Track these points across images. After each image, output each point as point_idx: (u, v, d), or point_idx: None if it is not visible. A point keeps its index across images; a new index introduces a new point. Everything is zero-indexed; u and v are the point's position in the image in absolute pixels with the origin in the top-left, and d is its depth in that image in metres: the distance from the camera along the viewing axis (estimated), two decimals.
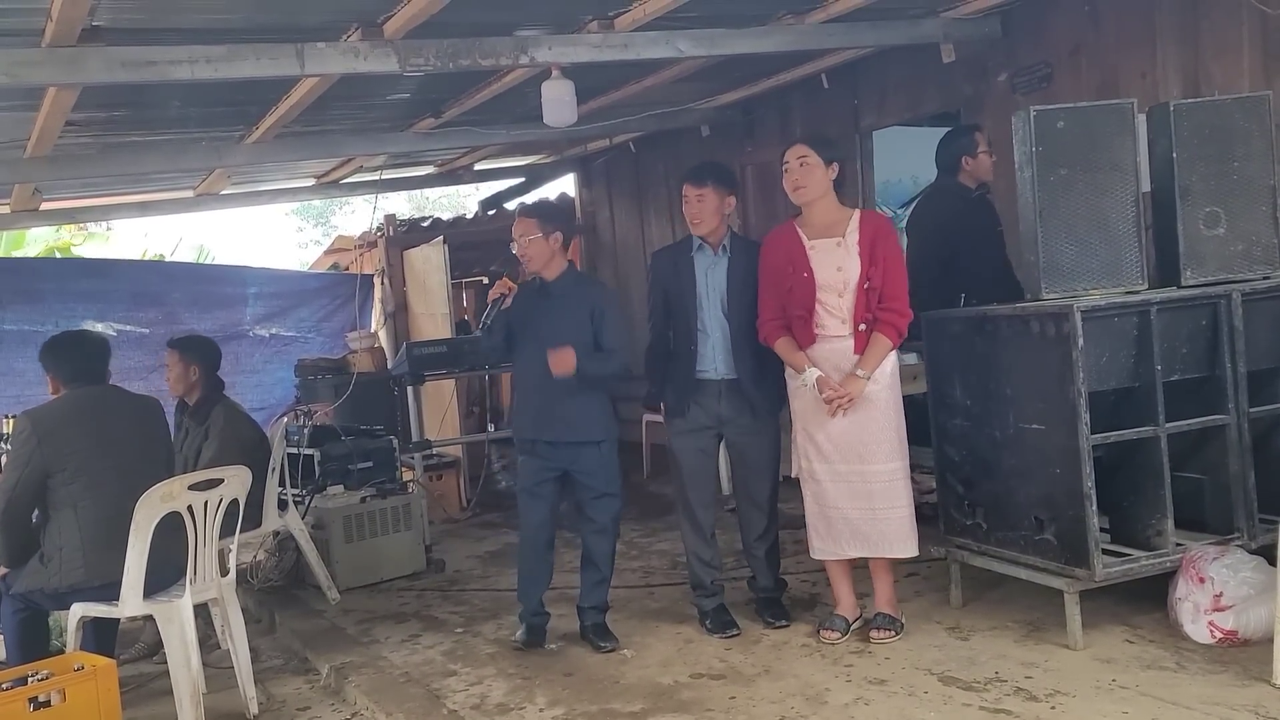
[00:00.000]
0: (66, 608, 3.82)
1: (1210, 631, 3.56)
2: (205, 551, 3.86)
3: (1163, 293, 3.85)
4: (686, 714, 3.52)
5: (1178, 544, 3.76)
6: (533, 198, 9.33)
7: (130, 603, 3.74)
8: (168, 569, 3.81)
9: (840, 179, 4.00)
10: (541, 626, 4.32)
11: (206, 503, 3.83)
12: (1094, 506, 3.63)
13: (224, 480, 3.91)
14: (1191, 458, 3.93)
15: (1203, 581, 3.59)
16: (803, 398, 3.98)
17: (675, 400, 4.29)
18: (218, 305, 8.58)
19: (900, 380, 4.00)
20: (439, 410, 8.17)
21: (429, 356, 7.09)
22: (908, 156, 7.45)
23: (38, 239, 11.67)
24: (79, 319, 7.66)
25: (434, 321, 8.47)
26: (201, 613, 4.14)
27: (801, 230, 3.98)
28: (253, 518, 4.89)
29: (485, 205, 10.41)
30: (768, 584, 4.33)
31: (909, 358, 4.55)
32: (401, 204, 20.45)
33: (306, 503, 5.61)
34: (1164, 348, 3.78)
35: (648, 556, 5.63)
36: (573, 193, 10.17)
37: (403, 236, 9.43)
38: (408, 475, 6.51)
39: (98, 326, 7.67)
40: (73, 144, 5.95)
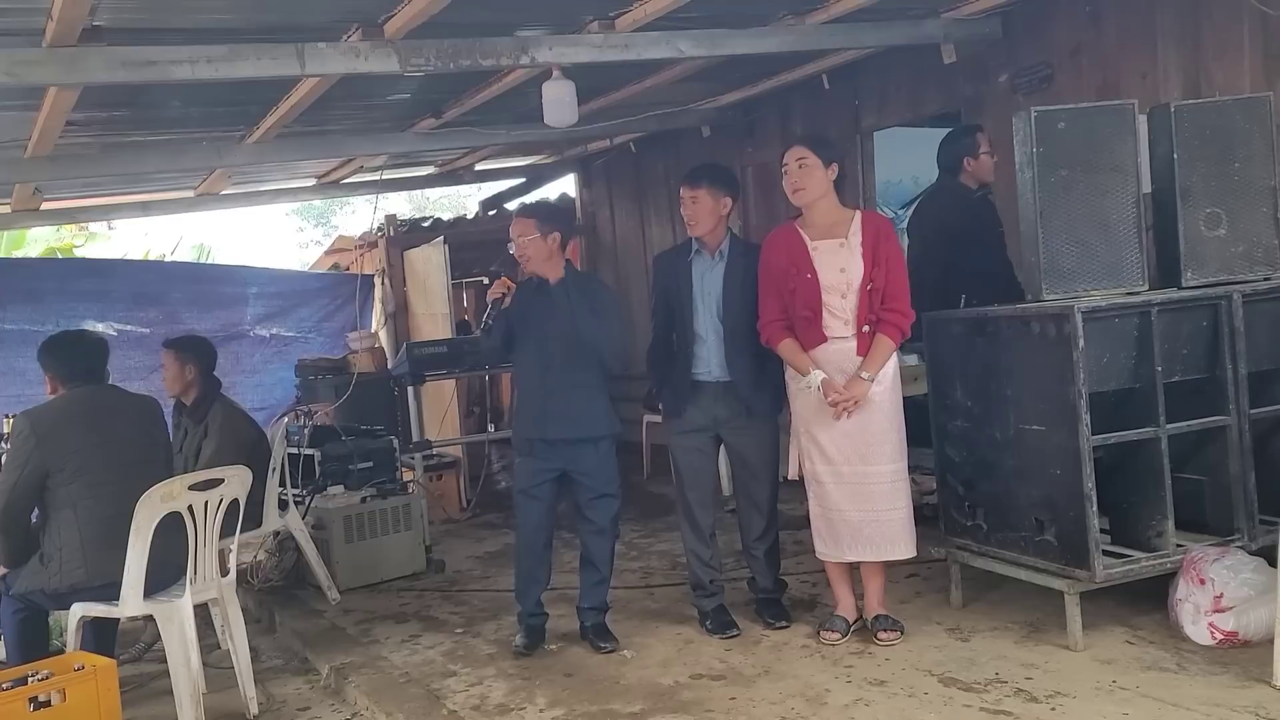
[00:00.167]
0: (66, 608, 3.82)
1: (1211, 633, 3.56)
2: (205, 551, 3.86)
3: (1163, 294, 3.85)
4: (686, 714, 3.52)
5: (1178, 545, 3.75)
6: (533, 198, 9.34)
7: (130, 602, 3.74)
8: (168, 569, 3.81)
9: (840, 179, 3.99)
10: (540, 627, 4.32)
11: (207, 503, 3.83)
12: (1094, 507, 3.62)
13: (224, 480, 3.90)
14: (1192, 459, 3.93)
15: (1203, 583, 3.58)
16: (805, 400, 3.96)
17: (672, 401, 4.31)
18: (218, 305, 8.57)
19: (901, 381, 4.00)
20: (439, 410, 8.17)
21: (429, 357, 7.10)
22: (908, 157, 7.45)
23: (38, 239, 11.66)
24: (79, 319, 7.65)
25: (434, 322, 8.47)
26: (201, 612, 4.13)
27: (803, 231, 3.97)
28: (253, 517, 4.89)
29: (486, 205, 10.42)
30: (768, 585, 4.33)
31: (910, 358, 4.56)
32: (402, 204, 20.43)
33: (307, 503, 5.61)
34: (1165, 349, 3.78)
35: (648, 557, 5.62)
36: (573, 193, 10.17)
37: (403, 237, 9.43)
38: (408, 475, 6.50)
39: (98, 326, 7.68)
40: (73, 144, 5.95)
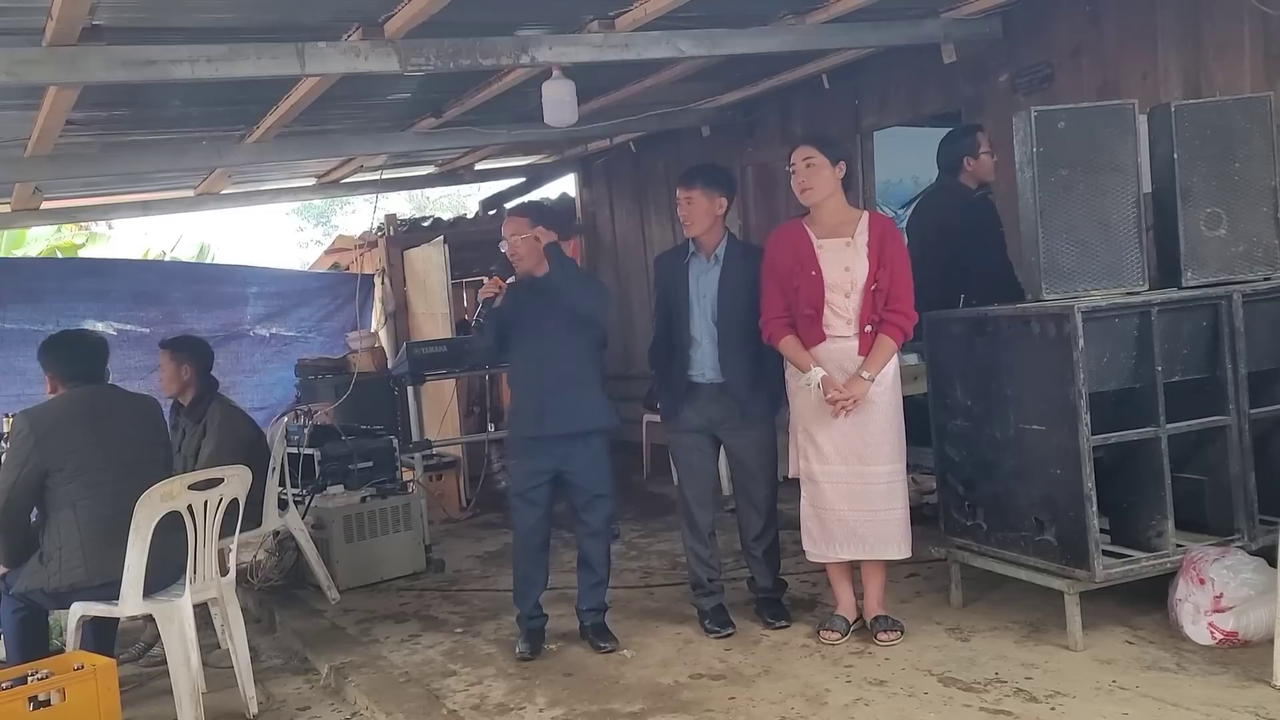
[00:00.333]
0: (66, 607, 3.82)
1: (1210, 632, 3.56)
2: (205, 551, 3.86)
3: (1163, 294, 3.85)
4: (686, 714, 3.52)
5: (1178, 545, 3.75)
6: (533, 198, 9.34)
7: (130, 602, 3.74)
8: (167, 568, 3.81)
9: (845, 178, 3.99)
10: (540, 629, 4.31)
11: (206, 502, 3.83)
12: (1094, 507, 3.62)
13: (224, 480, 3.90)
14: (1192, 459, 3.93)
15: (1203, 583, 3.58)
16: (804, 398, 3.95)
17: (669, 402, 4.33)
18: (218, 305, 8.57)
19: (901, 381, 4.00)
20: (439, 410, 8.16)
21: (429, 356, 7.09)
22: (908, 157, 7.45)
23: (39, 238, 11.66)
24: (79, 318, 7.65)
25: (434, 321, 8.46)
26: (201, 612, 4.13)
27: (810, 229, 3.97)
28: (253, 517, 4.89)
29: (486, 205, 10.41)
30: (767, 584, 4.33)
31: (910, 358, 4.55)
32: (402, 204, 20.42)
33: (306, 502, 5.61)
34: (1165, 349, 3.77)
35: (647, 557, 5.62)
36: (573, 193, 10.17)
37: (403, 236, 9.42)
38: (408, 475, 6.50)
39: (98, 326, 7.68)
40: (73, 143, 5.95)
